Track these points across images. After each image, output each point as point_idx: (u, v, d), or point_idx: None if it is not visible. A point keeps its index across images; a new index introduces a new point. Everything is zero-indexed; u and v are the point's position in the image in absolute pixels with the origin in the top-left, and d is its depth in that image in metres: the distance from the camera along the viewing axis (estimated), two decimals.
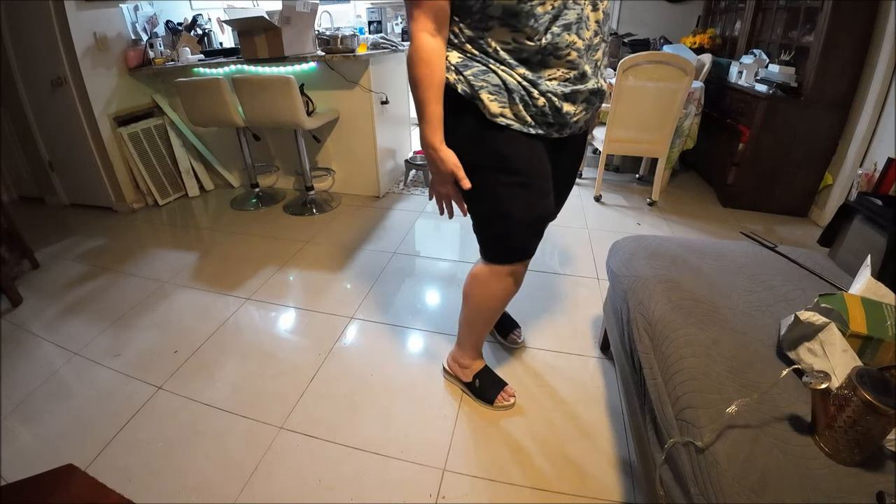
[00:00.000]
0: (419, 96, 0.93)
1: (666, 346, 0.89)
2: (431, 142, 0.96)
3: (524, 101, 0.93)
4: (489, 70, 0.92)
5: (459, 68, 0.94)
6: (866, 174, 2.14)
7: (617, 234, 2.29)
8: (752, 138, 2.52)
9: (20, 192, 3.18)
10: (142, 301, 1.92)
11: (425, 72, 0.90)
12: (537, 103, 0.93)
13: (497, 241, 1.11)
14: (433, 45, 0.90)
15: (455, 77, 0.94)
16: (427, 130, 0.96)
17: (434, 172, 1.01)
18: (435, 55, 0.90)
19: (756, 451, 0.67)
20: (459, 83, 0.94)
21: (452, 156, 0.98)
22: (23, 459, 1.23)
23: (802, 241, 2.32)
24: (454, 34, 0.94)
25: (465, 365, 1.37)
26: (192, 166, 3.10)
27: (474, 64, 0.93)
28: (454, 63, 0.94)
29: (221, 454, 1.22)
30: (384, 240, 2.38)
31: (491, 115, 0.94)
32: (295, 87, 2.25)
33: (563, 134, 1.00)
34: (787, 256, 1.21)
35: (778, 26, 2.74)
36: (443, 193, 1.05)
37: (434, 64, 0.91)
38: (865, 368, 0.67)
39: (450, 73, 0.94)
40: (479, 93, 0.92)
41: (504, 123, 0.95)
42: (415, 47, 0.90)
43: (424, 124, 0.95)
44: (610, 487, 1.11)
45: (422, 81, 0.91)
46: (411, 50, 0.91)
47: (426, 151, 0.98)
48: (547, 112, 0.94)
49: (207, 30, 3.13)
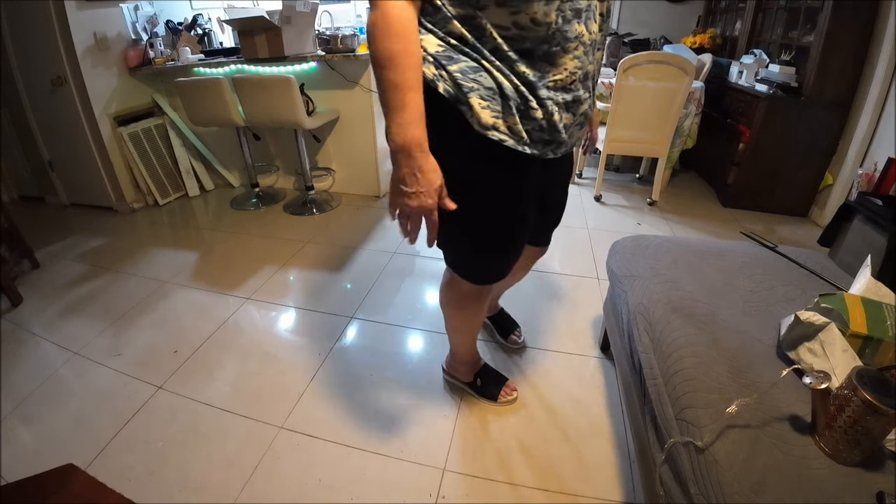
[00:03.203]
0: (393, 79, 0.68)
1: (666, 346, 0.89)
2: (412, 140, 0.70)
3: (520, 111, 0.75)
4: (481, 67, 0.73)
5: (441, 60, 0.73)
6: (866, 174, 2.14)
7: (617, 234, 2.29)
8: (752, 138, 2.52)
9: (20, 191, 3.18)
10: (142, 301, 1.92)
11: (399, 47, 0.68)
12: (535, 115, 0.76)
13: (471, 264, 0.99)
14: (405, 13, 0.68)
15: (434, 72, 0.73)
16: (404, 124, 0.70)
17: (408, 182, 0.72)
18: (409, 25, 0.69)
19: (756, 451, 0.67)
20: (440, 80, 0.74)
21: (435, 170, 0.73)
22: (23, 459, 1.23)
23: (802, 241, 2.32)
24: (434, 7, 0.72)
25: (463, 366, 1.36)
26: (193, 166, 3.10)
27: (460, 57, 0.73)
28: (432, 53, 0.73)
29: (221, 454, 1.22)
30: (384, 240, 2.38)
31: (481, 126, 0.75)
32: (295, 87, 2.25)
33: (557, 154, 0.83)
34: (788, 256, 1.21)
35: (778, 26, 2.74)
36: (415, 210, 0.75)
37: (410, 37, 0.69)
38: (865, 368, 0.67)
39: (427, 65, 0.73)
40: (469, 96, 0.73)
41: (496, 138, 0.76)
42: (381, 13, 0.67)
43: (400, 115, 0.69)
44: (610, 487, 1.11)
45: (397, 59, 0.68)
46: (376, 18, 0.68)
47: (402, 153, 0.71)
48: (544, 127, 0.78)
49: (207, 29, 3.12)
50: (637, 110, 2.50)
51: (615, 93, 2.47)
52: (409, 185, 0.73)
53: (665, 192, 2.91)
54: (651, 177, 2.91)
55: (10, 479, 1.15)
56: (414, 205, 0.74)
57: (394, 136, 0.71)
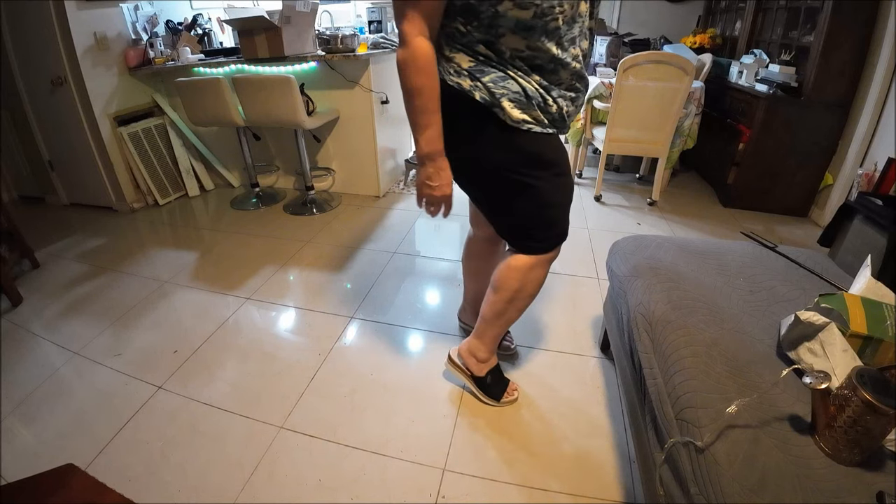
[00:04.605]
0: (420, 105, 0.89)
1: (666, 346, 0.89)
2: (436, 150, 0.94)
3: (540, 106, 0.94)
4: (507, 77, 0.91)
5: (475, 74, 0.91)
6: (866, 174, 2.14)
7: (617, 234, 2.29)
8: (752, 138, 2.52)
9: (20, 191, 3.18)
10: (142, 301, 1.92)
11: (426, 82, 0.87)
12: (551, 110, 0.95)
13: (544, 231, 1.11)
14: (430, 52, 0.87)
15: (471, 84, 0.92)
16: (431, 138, 0.93)
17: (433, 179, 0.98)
18: (433, 63, 0.88)
19: (756, 451, 0.67)
20: (477, 90, 0.92)
21: (448, 168, 0.98)
22: (23, 459, 1.23)
23: (802, 241, 2.32)
24: (460, 33, 0.90)
25: (482, 359, 1.32)
26: (193, 166, 3.10)
27: (490, 70, 0.91)
28: (466, 68, 0.92)
29: (221, 454, 1.22)
30: (384, 240, 2.38)
31: (513, 121, 0.93)
32: (295, 87, 2.25)
33: (563, 132, 1.06)
34: (788, 256, 1.21)
35: (778, 26, 2.74)
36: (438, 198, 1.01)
37: (432, 72, 0.88)
38: (865, 368, 0.67)
39: (462, 78, 0.92)
40: (501, 100, 0.91)
41: (526, 128, 0.95)
42: (412, 53, 0.85)
43: (427, 132, 0.92)
44: (610, 487, 1.11)
45: (423, 91, 0.88)
46: (407, 55, 0.86)
47: (429, 159, 0.95)
48: (557, 118, 0.97)
49: (207, 29, 3.12)
50: (637, 110, 2.50)
51: (615, 93, 2.47)
52: (433, 181, 0.97)
53: (665, 192, 2.91)
54: (651, 177, 2.91)
55: (10, 479, 1.15)
56: (438, 195, 0.99)
57: (422, 147, 0.94)
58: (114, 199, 2.86)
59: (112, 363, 1.57)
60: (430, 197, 1.00)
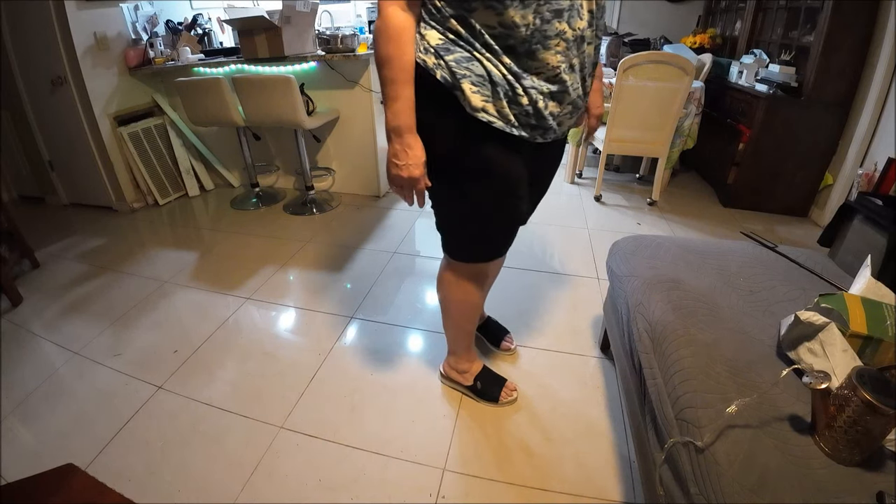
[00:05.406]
0: (387, 75, 0.84)
1: (666, 346, 0.89)
2: (403, 124, 0.87)
3: (508, 96, 0.85)
4: (473, 58, 0.84)
5: (440, 52, 0.84)
6: (866, 174, 2.14)
7: (617, 234, 2.29)
8: (752, 138, 2.52)
9: (20, 191, 3.18)
10: (142, 301, 1.92)
11: (394, 52, 0.82)
12: (521, 101, 0.85)
13: (471, 243, 1.07)
14: (403, 21, 0.83)
15: (434, 61, 0.85)
16: (398, 111, 0.86)
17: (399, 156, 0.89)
18: (405, 32, 0.83)
19: (756, 451, 0.67)
20: (439, 69, 0.85)
21: (420, 147, 0.89)
22: (23, 459, 1.23)
23: (802, 241, 2.32)
24: (435, 9, 0.84)
25: (463, 370, 1.36)
26: (193, 166, 3.10)
27: (456, 49, 0.84)
28: (433, 45, 0.85)
29: (221, 454, 1.22)
30: (384, 239, 2.38)
31: (472, 108, 0.85)
32: (295, 87, 2.25)
33: (547, 139, 0.93)
34: (788, 256, 1.21)
35: (778, 26, 2.74)
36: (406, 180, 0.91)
37: (404, 42, 0.83)
38: (865, 368, 0.67)
39: (428, 55, 0.85)
40: (461, 82, 0.84)
41: (486, 120, 0.86)
42: (383, 22, 0.82)
43: (395, 104, 0.86)
44: (610, 487, 1.11)
45: (391, 62, 0.83)
46: (379, 24, 0.83)
47: (395, 133, 0.88)
48: (530, 112, 0.87)
49: (207, 29, 3.12)
50: (637, 110, 2.50)
51: (615, 93, 2.47)
52: (400, 159, 0.89)
53: (665, 192, 2.91)
54: (651, 177, 2.91)
55: (10, 479, 1.15)
56: (404, 175, 0.90)
57: (389, 120, 0.87)
58: (114, 198, 2.86)
59: (112, 363, 1.57)
60: (397, 177, 0.91)
